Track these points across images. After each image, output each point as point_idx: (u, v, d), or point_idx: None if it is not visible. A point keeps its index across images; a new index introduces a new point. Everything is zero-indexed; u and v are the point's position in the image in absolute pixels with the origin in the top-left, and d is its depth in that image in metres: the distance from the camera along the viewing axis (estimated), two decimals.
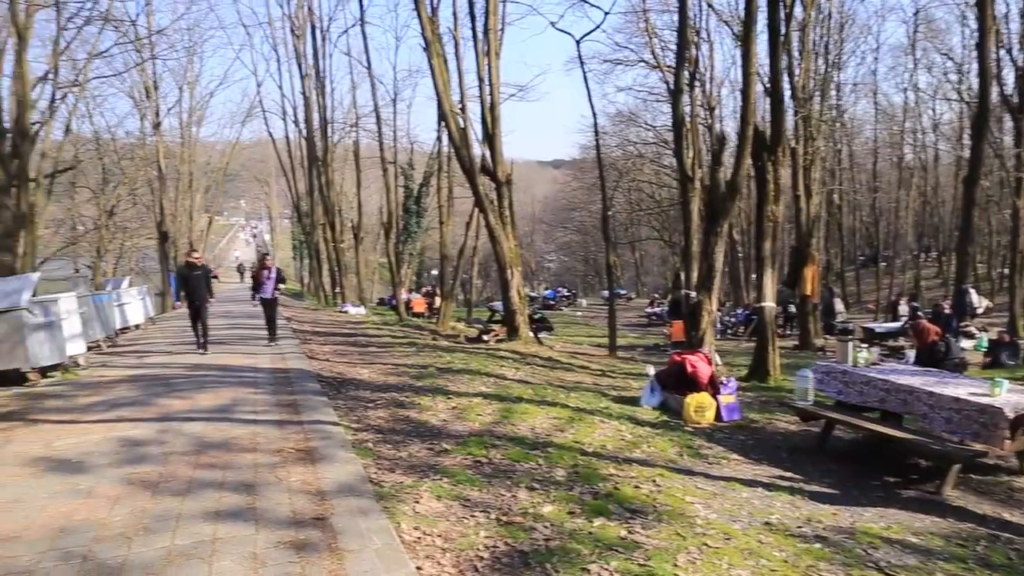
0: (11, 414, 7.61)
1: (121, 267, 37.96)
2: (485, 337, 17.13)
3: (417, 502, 4.78)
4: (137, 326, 17.91)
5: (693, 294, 14.38)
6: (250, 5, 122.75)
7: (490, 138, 16.55)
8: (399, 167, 34.63)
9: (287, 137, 39.17)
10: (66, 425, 6.91)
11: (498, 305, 19.58)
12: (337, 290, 33.34)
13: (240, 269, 56.60)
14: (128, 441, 6.17)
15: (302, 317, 21.65)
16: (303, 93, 32.88)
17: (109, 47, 26.98)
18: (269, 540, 4.00)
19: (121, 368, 10.82)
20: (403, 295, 29.74)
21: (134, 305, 17.80)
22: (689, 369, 8.94)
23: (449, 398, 8.40)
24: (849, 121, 38.13)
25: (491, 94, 16.59)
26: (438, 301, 28.82)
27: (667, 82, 24.88)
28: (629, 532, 4.51)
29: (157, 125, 33.26)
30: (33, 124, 16.22)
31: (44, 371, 9.77)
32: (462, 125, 16.55)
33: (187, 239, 34.89)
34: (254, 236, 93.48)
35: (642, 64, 30.18)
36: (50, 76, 19.15)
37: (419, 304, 31.90)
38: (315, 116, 32.66)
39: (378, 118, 30.74)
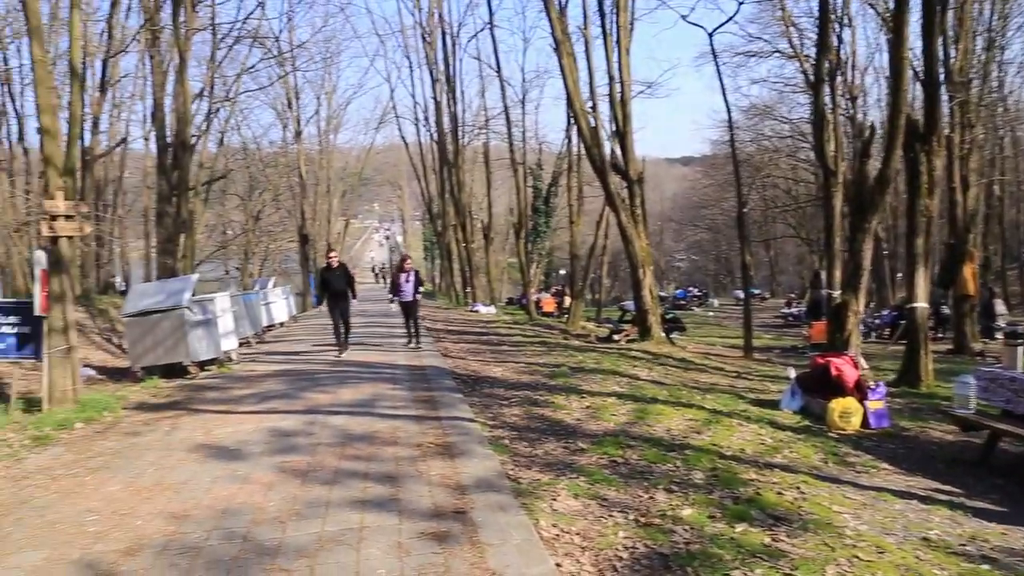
0: (176, 403, 8.29)
1: (266, 268, 40.47)
2: (616, 337, 16.97)
3: (554, 500, 4.79)
4: (281, 324, 18.99)
5: (835, 293, 13.66)
6: (383, 15, 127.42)
7: (621, 135, 16.35)
8: (528, 168, 34.93)
9: (419, 141, 40.39)
10: (223, 415, 7.44)
11: (629, 304, 19.33)
12: (468, 290, 33.92)
13: (374, 270, 58.81)
14: (279, 432, 6.55)
15: (435, 316, 22.27)
16: (434, 97, 33.74)
17: (256, 63, 28.74)
18: (412, 530, 4.12)
19: (269, 363, 11.51)
20: (533, 294, 29.94)
21: (279, 304, 18.86)
22: (834, 372, 8.47)
23: (583, 397, 8.38)
24: (1014, 105, 34.87)
25: (622, 91, 16.37)
26: (568, 300, 28.86)
27: (805, 72, 23.77)
28: (773, 540, 4.32)
29: (298, 134, 35.31)
30: (191, 137, 17.52)
31: (202, 365, 10.57)
32: (592, 124, 16.43)
33: (325, 241, 36.63)
34: (387, 238, 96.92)
35: (777, 54, 29.00)
36: (205, 93, 20.77)
37: (549, 303, 32.06)
38: (445, 119, 33.36)
39: (507, 119, 31.15)
